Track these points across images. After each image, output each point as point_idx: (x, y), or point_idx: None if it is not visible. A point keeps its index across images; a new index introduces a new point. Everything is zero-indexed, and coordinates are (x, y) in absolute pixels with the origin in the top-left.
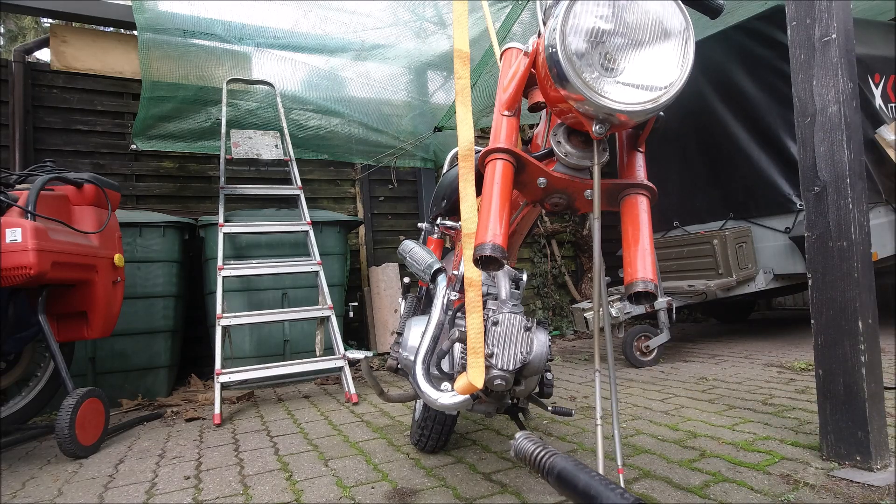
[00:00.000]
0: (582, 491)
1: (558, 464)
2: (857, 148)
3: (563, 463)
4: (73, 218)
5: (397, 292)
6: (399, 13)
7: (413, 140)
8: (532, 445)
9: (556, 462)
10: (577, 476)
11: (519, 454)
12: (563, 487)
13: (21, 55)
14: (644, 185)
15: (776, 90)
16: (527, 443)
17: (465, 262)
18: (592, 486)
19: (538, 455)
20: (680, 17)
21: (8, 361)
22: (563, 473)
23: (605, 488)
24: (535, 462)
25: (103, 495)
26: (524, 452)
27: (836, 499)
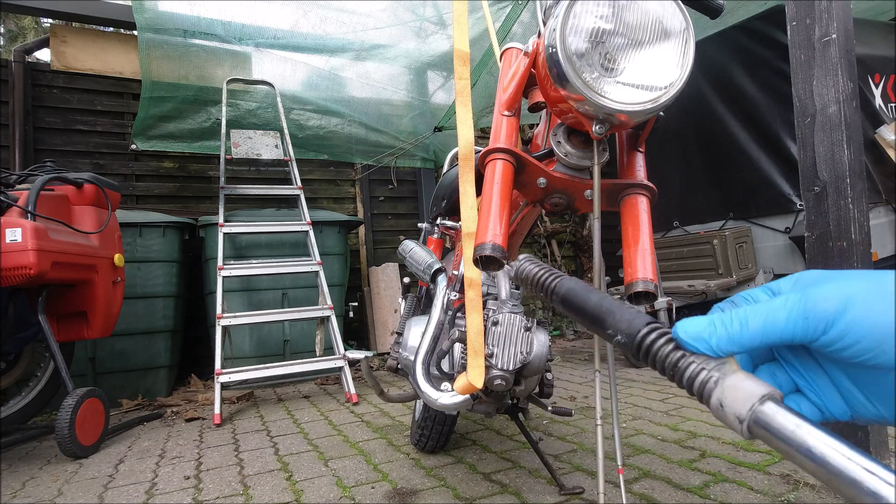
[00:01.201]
0: (592, 312)
1: (565, 284)
2: (857, 148)
3: (570, 283)
4: (73, 218)
5: (397, 292)
6: (399, 13)
7: (413, 140)
8: (536, 268)
9: (563, 283)
10: (587, 296)
11: (521, 276)
12: (569, 309)
13: (21, 55)
14: (644, 185)
15: (776, 90)
16: (529, 265)
17: (465, 262)
18: (604, 304)
19: (542, 277)
20: (680, 17)
21: (8, 361)
22: (570, 294)
23: (615, 306)
24: (540, 285)
25: (103, 495)
26: (527, 275)
27: (836, 499)
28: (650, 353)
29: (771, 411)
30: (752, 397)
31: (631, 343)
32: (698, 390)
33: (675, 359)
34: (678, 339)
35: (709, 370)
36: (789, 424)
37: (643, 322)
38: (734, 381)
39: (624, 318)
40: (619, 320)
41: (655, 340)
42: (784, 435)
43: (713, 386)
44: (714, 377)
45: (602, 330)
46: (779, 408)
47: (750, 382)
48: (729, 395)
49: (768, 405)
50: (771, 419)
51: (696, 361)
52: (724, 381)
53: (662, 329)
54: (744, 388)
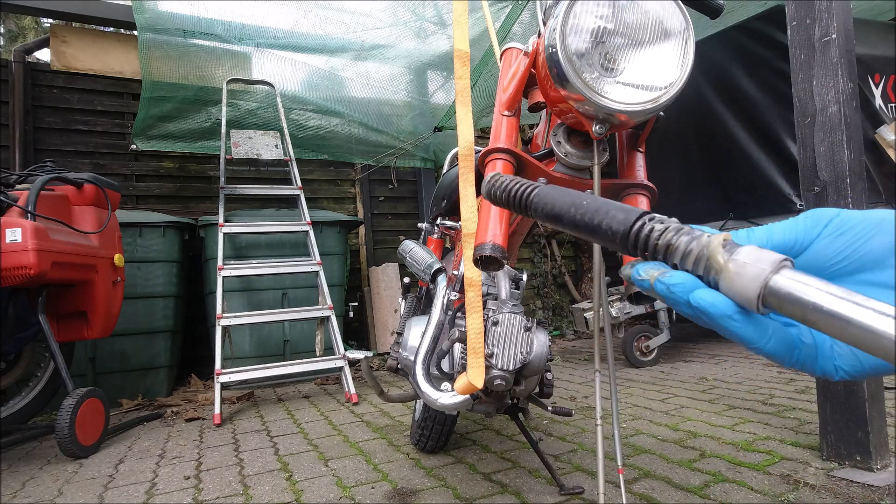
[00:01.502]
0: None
1: (542, 195)
2: (857, 148)
3: (550, 193)
4: (73, 218)
5: (397, 292)
6: (399, 13)
7: (413, 140)
8: (509, 181)
9: (541, 194)
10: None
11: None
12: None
13: (21, 55)
14: (644, 185)
15: (776, 90)
16: (500, 180)
17: (465, 262)
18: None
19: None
20: (680, 17)
21: (8, 361)
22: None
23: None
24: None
25: (103, 495)
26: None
27: (836, 499)
28: (647, 244)
29: (779, 285)
30: (757, 280)
31: (627, 242)
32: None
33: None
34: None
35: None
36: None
37: (634, 214)
38: (735, 267)
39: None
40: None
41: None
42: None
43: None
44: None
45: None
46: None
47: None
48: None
49: (776, 280)
50: (781, 291)
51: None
52: (728, 267)
53: (657, 217)
54: (747, 272)
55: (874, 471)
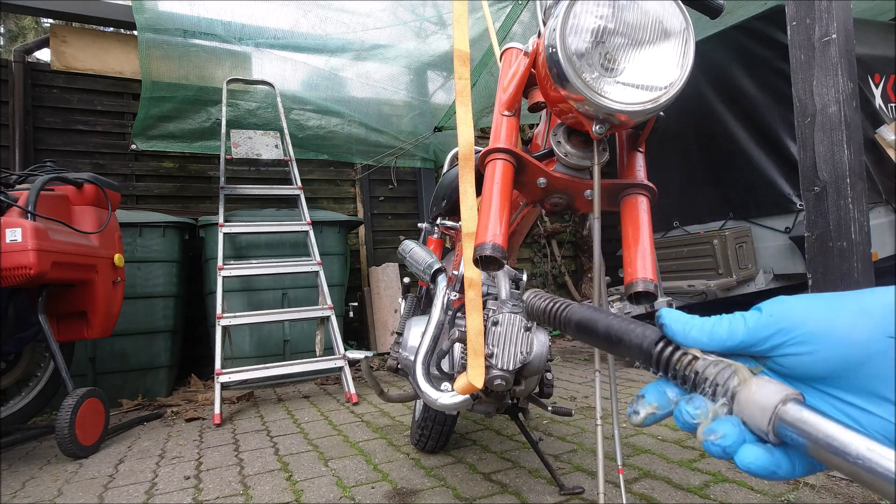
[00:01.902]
0: (603, 334)
1: (576, 313)
2: (857, 148)
3: (581, 311)
4: (73, 218)
5: (397, 292)
6: (399, 13)
7: (413, 140)
8: (543, 301)
9: (573, 311)
10: (597, 320)
11: (532, 312)
12: (583, 334)
13: (21, 55)
14: (644, 185)
15: (776, 90)
16: (537, 300)
17: (465, 262)
18: (613, 326)
19: (552, 309)
20: (680, 17)
21: (8, 361)
22: (583, 322)
23: (626, 326)
24: (551, 317)
25: (103, 495)
26: (537, 310)
27: (836, 499)
28: (668, 369)
29: (791, 416)
30: (767, 409)
31: (648, 363)
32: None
33: (689, 372)
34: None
35: (723, 384)
36: (812, 421)
37: (652, 340)
38: (747, 395)
39: (634, 339)
40: (630, 343)
41: (671, 354)
42: (808, 433)
43: (729, 402)
44: (729, 391)
45: (619, 352)
46: (797, 409)
47: (761, 391)
48: (746, 411)
49: (788, 409)
50: (793, 423)
51: (709, 375)
52: (739, 396)
53: (674, 344)
54: (757, 401)
55: None
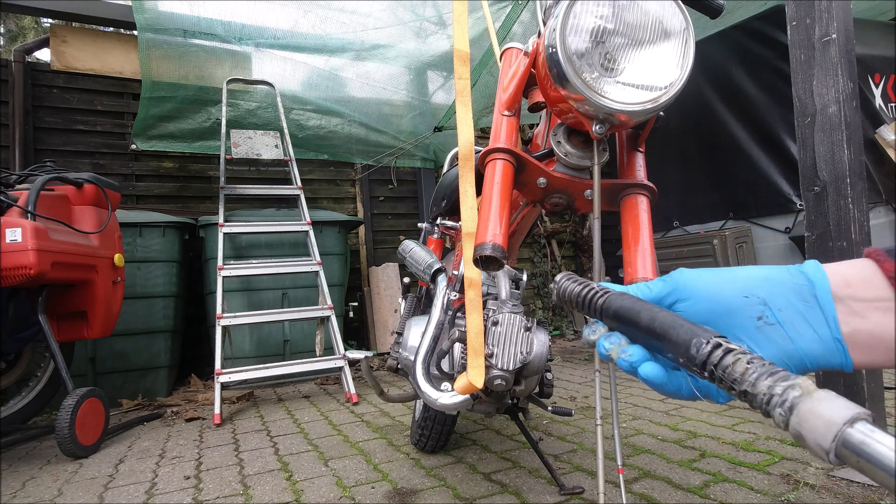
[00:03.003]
0: (646, 326)
1: (614, 301)
2: (857, 148)
3: (621, 300)
4: (73, 218)
5: (397, 292)
6: (399, 13)
7: (413, 140)
8: (577, 286)
9: (611, 300)
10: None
11: (563, 296)
12: (623, 325)
13: (21, 55)
14: (644, 185)
15: (776, 90)
16: (570, 283)
17: (465, 262)
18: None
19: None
20: (680, 17)
21: (8, 361)
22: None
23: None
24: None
25: (103, 495)
26: (570, 294)
27: (836, 499)
28: (714, 374)
29: (860, 437)
30: (833, 424)
31: (693, 364)
32: (773, 416)
33: (743, 382)
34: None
35: (781, 394)
36: (881, 449)
37: (705, 338)
38: (810, 406)
39: (681, 336)
40: (677, 339)
41: (722, 358)
42: (877, 460)
43: (787, 412)
44: (787, 401)
45: (660, 349)
46: (868, 431)
47: (828, 405)
48: (807, 423)
49: (856, 429)
50: (860, 446)
51: (766, 383)
52: (800, 407)
53: (725, 346)
54: (822, 414)
55: None
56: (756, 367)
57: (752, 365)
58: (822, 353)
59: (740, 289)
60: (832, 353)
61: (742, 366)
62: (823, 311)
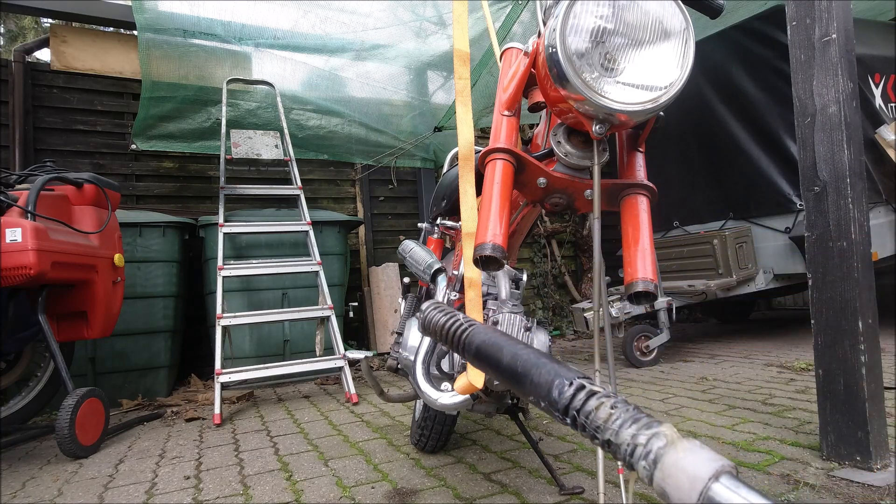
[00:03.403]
0: (507, 365)
1: (478, 336)
2: (857, 148)
3: (484, 335)
4: (73, 218)
5: (397, 292)
6: (399, 13)
7: (413, 140)
8: (443, 316)
9: (475, 334)
10: (502, 349)
11: (428, 327)
12: (483, 364)
13: (21, 55)
14: (644, 185)
15: (776, 90)
16: (436, 313)
17: (465, 262)
18: (520, 357)
19: (450, 326)
20: (680, 17)
21: (8, 361)
22: (483, 348)
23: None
24: (448, 336)
25: (103, 495)
26: (434, 324)
27: (836, 499)
28: (577, 421)
29: (726, 493)
30: (698, 480)
31: (554, 410)
32: (637, 470)
33: (605, 431)
34: None
35: (644, 444)
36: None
37: (568, 379)
38: (674, 459)
39: (542, 378)
40: (539, 381)
41: (585, 402)
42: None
43: (651, 466)
44: (651, 453)
45: (522, 391)
46: (734, 486)
47: (692, 458)
48: (671, 479)
49: (722, 484)
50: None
51: (629, 431)
52: (664, 460)
53: (588, 389)
54: (686, 468)
55: (874, 471)
56: (620, 413)
57: (615, 410)
58: None
59: None
60: None
61: (605, 411)
62: None
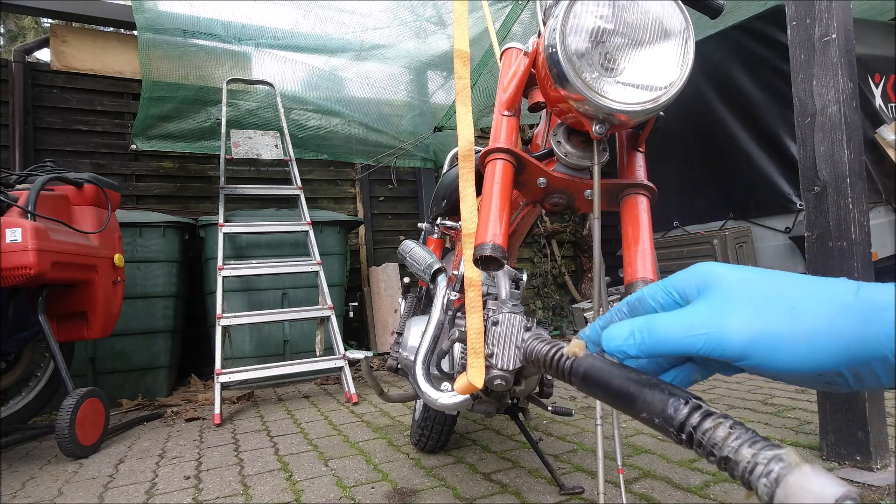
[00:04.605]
0: (617, 390)
1: (584, 363)
2: (857, 148)
3: (590, 362)
4: (73, 218)
5: (397, 292)
6: (399, 13)
7: (413, 140)
8: (545, 346)
9: (580, 363)
10: (611, 374)
11: (531, 357)
12: (592, 388)
13: (21, 55)
14: (644, 185)
15: (776, 90)
16: (538, 343)
17: (465, 262)
18: (630, 382)
19: (553, 356)
20: (680, 17)
21: (8, 361)
22: (590, 374)
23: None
24: (553, 365)
25: (103, 495)
26: (537, 354)
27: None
28: (693, 438)
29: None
30: (829, 495)
31: (669, 426)
32: (755, 488)
33: (724, 448)
34: (605, 349)
35: (765, 464)
36: None
37: (683, 398)
38: (799, 480)
39: (656, 397)
40: (652, 400)
41: (701, 421)
42: None
43: (773, 484)
44: (773, 472)
45: (633, 410)
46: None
47: (817, 481)
48: (795, 498)
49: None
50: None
51: (749, 451)
52: (788, 479)
53: (704, 409)
54: (812, 490)
55: (874, 471)
56: (739, 433)
57: (734, 430)
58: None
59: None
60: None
61: (724, 430)
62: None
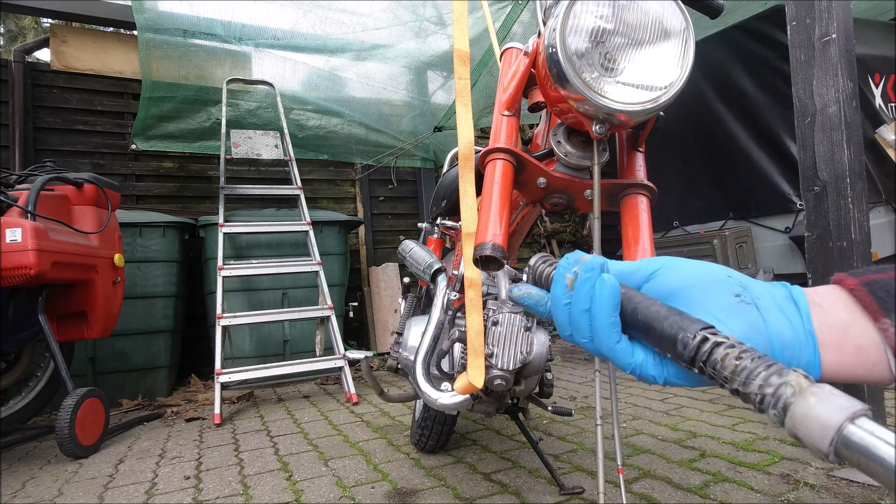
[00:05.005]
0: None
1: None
2: (857, 148)
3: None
4: (73, 218)
5: (397, 292)
6: (399, 13)
7: (413, 140)
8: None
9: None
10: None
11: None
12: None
13: (21, 55)
14: (644, 184)
15: (776, 90)
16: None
17: (465, 262)
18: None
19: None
20: (680, 17)
21: (8, 361)
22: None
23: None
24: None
25: (103, 495)
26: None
27: (836, 499)
28: (704, 371)
29: (860, 434)
30: (829, 428)
31: (682, 361)
32: (768, 416)
33: (734, 381)
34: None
35: (773, 394)
36: (882, 446)
37: (692, 332)
38: (804, 409)
39: (666, 331)
40: (662, 334)
41: (710, 353)
42: (879, 458)
43: (781, 413)
44: (780, 401)
45: (646, 340)
46: (869, 427)
47: (823, 406)
48: (802, 427)
49: (857, 425)
50: (860, 443)
51: (757, 382)
52: (793, 409)
53: (712, 340)
54: (817, 417)
55: None
56: (746, 363)
57: (741, 361)
58: (792, 341)
59: (724, 269)
60: (802, 344)
61: (731, 362)
62: (798, 306)
